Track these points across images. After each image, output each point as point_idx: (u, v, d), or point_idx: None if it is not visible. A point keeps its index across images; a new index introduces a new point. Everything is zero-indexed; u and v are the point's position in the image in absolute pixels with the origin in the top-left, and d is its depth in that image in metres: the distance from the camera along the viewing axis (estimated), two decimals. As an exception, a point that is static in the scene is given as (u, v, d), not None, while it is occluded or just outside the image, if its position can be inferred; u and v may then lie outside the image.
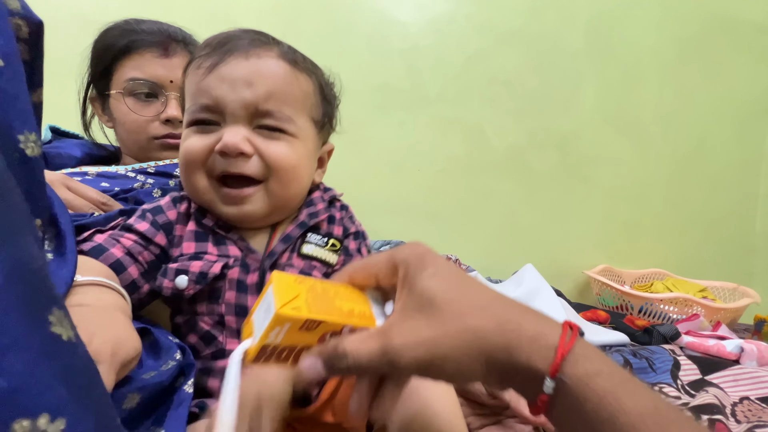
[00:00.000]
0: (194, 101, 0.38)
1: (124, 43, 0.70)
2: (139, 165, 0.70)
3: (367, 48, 1.13)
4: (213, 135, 0.38)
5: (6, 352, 0.14)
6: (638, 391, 0.21)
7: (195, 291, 0.37)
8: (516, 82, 1.21)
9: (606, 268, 1.22)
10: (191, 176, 0.39)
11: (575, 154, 1.26)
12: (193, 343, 0.39)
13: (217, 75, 0.37)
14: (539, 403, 0.22)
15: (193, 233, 0.40)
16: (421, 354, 0.23)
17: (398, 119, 1.16)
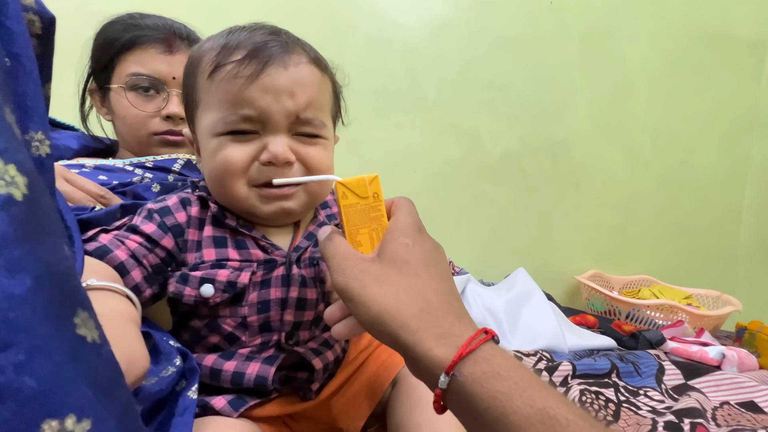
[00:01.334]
0: (233, 110, 0.37)
1: (128, 37, 0.69)
2: (137, 159, 0.70)
3: (367, 50, 1.14)
4: (253, 144, 0.38)
5: (35, 354, 0.14)
6: (534, 393, 0.22)
7: (222, 299, 0.38)
8: (511, 88, 1.23)
9: (595, 274, 1.25)
10: (232, 185, 0.38)
11: (567, 160, 1.28)
12: (216, 343, 0.39)
13: (260, 86, 0.37)
14: (434, 396, 0.25)
15: (212, 239, 0.40)
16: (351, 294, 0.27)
17: (396, 121, 1.17)
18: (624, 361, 0.72)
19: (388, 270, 0.28)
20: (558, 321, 0.86)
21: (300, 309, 0.40)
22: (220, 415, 0.37)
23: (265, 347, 0.39)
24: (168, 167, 0.71)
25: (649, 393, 0.65)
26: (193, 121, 0.43)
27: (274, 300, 0.39)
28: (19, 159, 0.15)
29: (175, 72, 0.71)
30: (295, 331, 0.40)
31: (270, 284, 0.39)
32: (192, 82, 0.41)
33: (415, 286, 0.27)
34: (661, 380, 0.68)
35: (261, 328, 0.39)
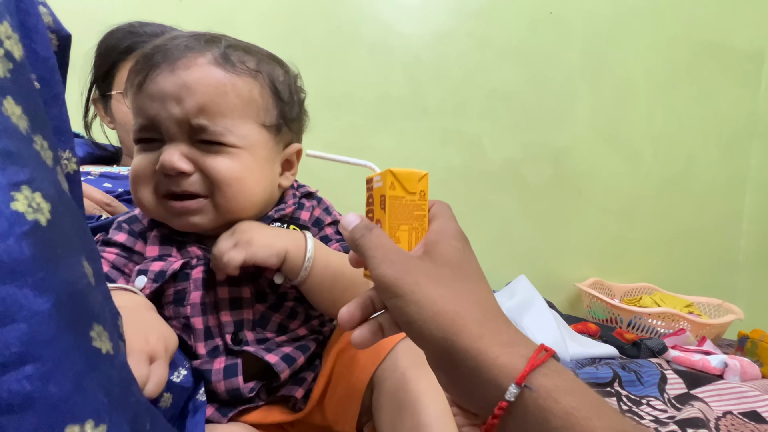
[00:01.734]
0: (134, 120, 0.37)
1: (127, 44, 0.71)
2: None
3: (370, 58, 1.15)
4: (155, 153, 0.37)
5: (59, 365, 0.15)
6: (608, 413, 0.21)
7: (152, 290, 0.36)
8: (513, 97, 1.24)
9: (596, 281, 1.25)
10: (139, 194, 0.38)
11: (569, 168, 1.29)
12: None
13: (147, 93, 0.36)
14: (496, 411, 0.21)
15: (158, 237, 0.40)
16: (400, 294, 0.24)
17: (398, 129, 1.18)
18: (626, 370, 0.73)
19: (442, 271, 0.26)
20: (560, 329, 0.86)
21: (236, 309, 0.39)
22: (210, 421, 0.37)
23: (216, 354, 0.38)
24: None
25: (651, 402, 0.65)
26: None
27: (209, 304, 0.38)
28: (44, 186, 0.16)
29: None
30: (239, 331, 0.39)
31: (215, 285, 0.38)
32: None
33: (473, 291, 0.25)
34: (663, 389, 0.69)
35: (205, 334, 0.38)
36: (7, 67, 0.16)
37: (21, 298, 0.14)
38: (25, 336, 0.14)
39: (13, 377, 0.14)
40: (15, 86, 0.17)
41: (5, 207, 0.15)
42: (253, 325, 0.40)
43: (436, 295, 0.24)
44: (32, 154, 0.16)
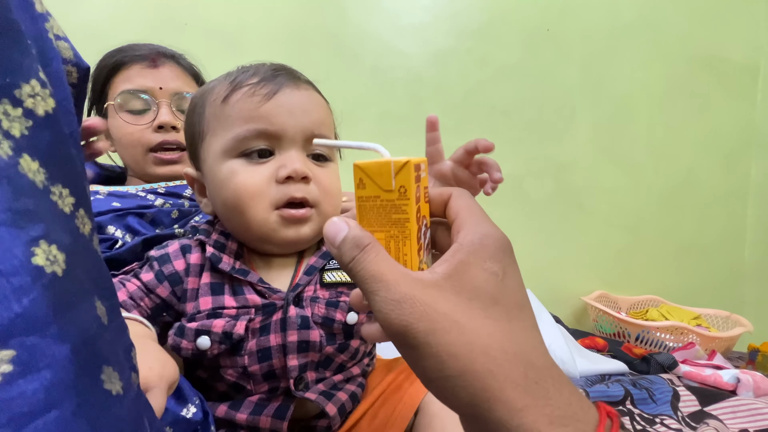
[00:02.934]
0: (246, 126, 0.37)
1: (114, 60, 0.72)
2: (149, 186, 0.71)
3: (372, 78, 1.17)
4: (269, 165, 0.38)
5: (80, 409, 0.16)
6: None
7: (220, 351, 0.37)
8: (514, 113, 1.25)
9: (602, 294, 1.24)
10: (251, 209, 0.37)
11: (570, 183, 1.30)
12: (224, 391, 0.40)
13: (277, 102, 0.37)
14: None
15: (209, 285, 0.38)
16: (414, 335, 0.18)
17: (400, 147, 1.19)
18: (637, 387, 0.72)
19: (471, 308, 0.19)
20: (567, 345, 0.85)
21: (303, 351, 0.38)
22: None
23: (274, 394, 0.39)
24: (180, 193, 0.72)
25: (665, 421, 0.64)
26: (197, 156, 0.41)
27: (275, 347, 0.37)
28: (59, 237, 0.17)
29: (161, 83, 0.71)
30: (302, 374, 0.39)
31: (269, 330, 0.37)
32: (197, 117, 0.41)
33: (513, 338, 0.19)
34: (677, 407, 0.67)
35: (265, 377, 0.38)
36: (25, 125, 0.17)
37: (44, 348, 0.15)
38: (49, 383, 0.15)
39: (41, 424, 0.14)
40: (32, 141, 0.17)
41: (28, 263, 0.15)
42: (316, 366, 0.40)
43: (461, 344, 0.18)
44: (48, 206, 0.17)
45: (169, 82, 0.72)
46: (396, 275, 0.19)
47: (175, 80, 0.74)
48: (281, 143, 0.38)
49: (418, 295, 0.19)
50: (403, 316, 0.18)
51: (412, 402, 0.44)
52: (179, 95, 0.73)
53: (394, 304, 0.19)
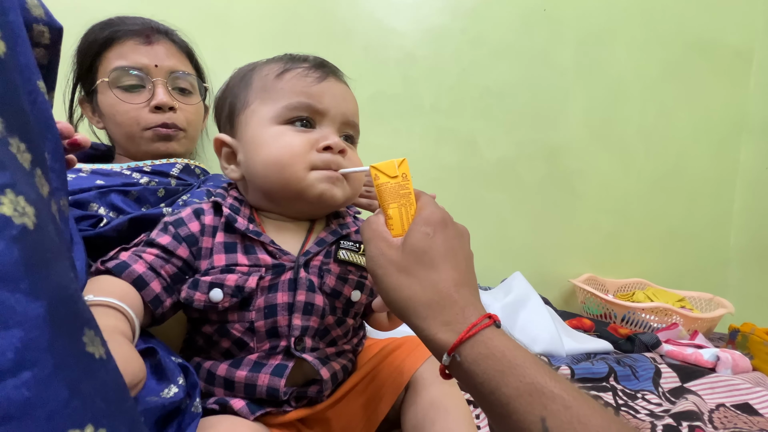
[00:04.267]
0: (298, 99, 0.43)
1: (106, 34, 0.69)
2: (135, 164, 0.69)
3: (364, 56, 1.15)
4: (310, 134, 0.43)
5: (57, 370, 0.15)
6: (526, 370, 0.27)
7: (230, 304, 0.39)
8: (508, 95, 1.24)
9: (590, 277, 1.26)
10: (292, 167, 0.41)
11: (562, 166, 1.30)
12: (227, 348, 0.41)
13: (326, 86, 0.44)
14: (440, 368, 0.31)
15: (223, 244, 0.41)
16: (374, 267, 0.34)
17: (392, 127, 1.18)
18: (621, 365, 0.73)
19: (407, 259, 0.32)
20: (555, 325, 0.87)
21: (307, 314, 0.41)
22: (237, 415, 0.38)
23: (273, 352, 0.41)
24: (166, 171, 0.71)
25: (646, 396, 0.66)
26: (235, 123, 0.45)
27: (281, 304, 0.40)
28: (26, 190, 0.16)
29: (157, 61, 0.70)
30: (302, 336, 0.41)
31: (277, 289, 0.40)
32: (241, 89, 0.45)
33: (428, 277, 0.31)
34: (658, 383, 0.69)
35: (268, 334, 0.40)
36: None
37: (14, 304, 0.14)
38: (21, 342, 0.14)
39: (11, 384, 0.13)
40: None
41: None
42: (314, 334, 0.42)
43: (397, 283, 0.32)
44: (9, 156, 0.16)
45: (164, 60, 0.71)
46: (379, 239, 0.35)
47: (170, 58, 0.72)
48: (323, 120, 0.44)
49: (383, 253, 0.34)
50: (372, 264, 0.34)
51: (401, 378, 0.46)
52: (175, 74, 0.72)
53: (370, 258, 0.34)
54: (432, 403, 0.43)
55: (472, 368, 0.28)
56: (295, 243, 0.44)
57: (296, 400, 0.42)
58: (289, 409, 0.41)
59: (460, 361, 0.28)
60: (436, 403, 0.43)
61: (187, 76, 0.75)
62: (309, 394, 0.42)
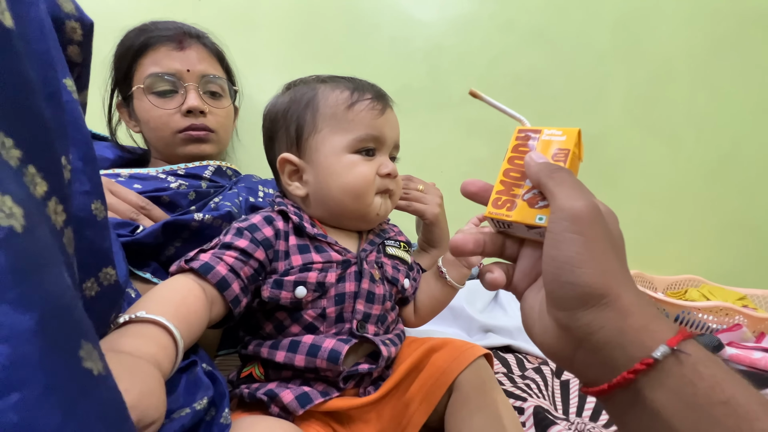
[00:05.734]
0: (366, 132, 0.49)
1: (140, 41, 0.72)
2: (170, 167, 0.71)
3: (390, 49, 1.11)
4: (374, 162, 0.50)
5: (51, 390, 0.13)
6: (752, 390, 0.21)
7: (312, 297, 0.45)
8: (541, 83, 1.17)
9: (637, 274, 1.17)
10: (368, 194, 0.49)
11: (603, 156, 1.22)
12: (296, 332, 0.45)
13: (385, 119, 0.51)
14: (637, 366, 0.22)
15: (297, 246, 0.47)
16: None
17: (421, 121, 1.14)
18: (681, 371, 0.67)
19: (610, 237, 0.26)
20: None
21: (369, 301, 0.47)
22: (286, 410, 0.40)
23: (339, 335, 0.45)
24: (199, 174, 0.72)
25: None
26: (303, 145, 0.50)
27: (349, 293, 0.46)
28: (13, 190, 0.14)
29: (189, 65, 0.73)
30: (364, 322, 0.47)
31: (345, 280, 0.47)
32: (305, 112, 0.50)
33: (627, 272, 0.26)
34: (725, 392, 0.62)
35: (336, 319, 0.46)
36: None
37: (1, 317, 0.12)
38: (8, 359, 0.12)
39: (-3, 408, 0.11)
40: None
41: None
42: (376, 320, 0.48)
43: (611, 256, 0.25)
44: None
45: (196, 65, 0.73)
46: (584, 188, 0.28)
47: (202, 62, 0.75)
48: (381, 147, 0.51)
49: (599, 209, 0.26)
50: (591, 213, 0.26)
51: (445, 379, 0.46)
52: (206, 78, 0.74)
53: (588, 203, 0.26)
54: (481, 410, 0.42)
55: (699, 369, 0.21)
56: (352, 244, 0.52)
57: (344, 381, 0.45)
58: (336, 394, 0.43)
59: (685, 358, 0.21)
60: (489, 410, 0.42)
61: (217, 79, 0.77)
62: (360, 371, 0.44)
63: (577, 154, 0.31)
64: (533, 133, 0.33)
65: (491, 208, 0.31)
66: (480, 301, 0.92)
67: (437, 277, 0.56)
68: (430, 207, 0.66)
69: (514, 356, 0.75)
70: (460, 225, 0.72)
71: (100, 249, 0.26)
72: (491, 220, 0.31)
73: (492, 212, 0.31)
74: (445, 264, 0.55)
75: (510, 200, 0.30)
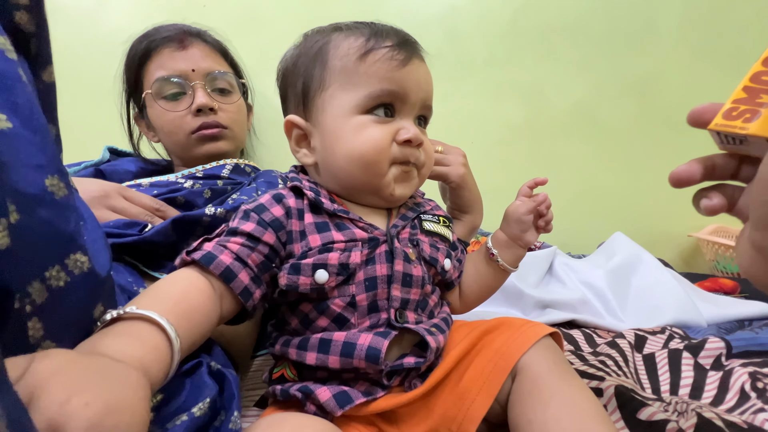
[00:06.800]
0: (381, 87, 0.40)
1: (143, 47, 0.71)
2: (188, 171, 0.70)
3: (402, 19, 1.04)
4: (391, 125, 0.41)
5: None
6: None
7: (336, 282, 0.38)
8: (575, 28, 1.05)
9: (719, 228, 1.02)
10: (379, 162, 0.40)
11: (658, 100, 1.07)
12: (325, 326, 0.39)
13: (409, 71, 0.41)
14: None
15: (314, 225, 0.40)
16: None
17: (443, 91, 1.05)
18: (798, 331, 0.54)
19: None
20: (684, 288, 0.69)
21: (406, 285, 0.40)
22: (323, 410, 0.35)
23: (375, 328, 0.39)
24: (218, 174, 0.70)
25: None
26: (310, 105, 0.43)
27: (381, 277, 0.39)
28: None
29: (193, 64, 0.71)
30: (403, 309, 0.40)
31: (375, 261, 0.39)
32: (313, 66, 0.42)
33: None
34: None
35: (369, 308, 0.39)
36: None
37: None
38: None
39: None
40: None
41: None
42: (416, 307, 0.41)
43: None
44: None
45: (200, 62, 0.72)
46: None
47: (206, 59, 0.73)
48: (403, 107, 0.41)
49: None
50: None
51: (505, 363, 0.38)
52: (212, 75, 0.73)
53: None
54: (555, 397, 0.35)
55: None
56: (381, 220, 0.44)
57: (388, 377, 0.38)
58: (381, 393, 0.38)
59: None
60: (565, 397, 0.34)
61: (224, 75, 0.76)
62: (406, 365, 0.38)
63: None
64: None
65: (721, 119, 0.26)
66: (533, 274, 0.83)
67: (487, 259, 0.48)
68: (454, 168, 0.58)
69: (581, 332, 0.66)
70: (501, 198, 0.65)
71: (62, 232, 0.22)
72: (717, 134, 0.26)
73: (721, 124, 0.26)
74: (496, 245, 0.47)
75: (752, 110, 0.25)
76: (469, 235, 0.65)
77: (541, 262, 0.86)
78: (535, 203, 0.46)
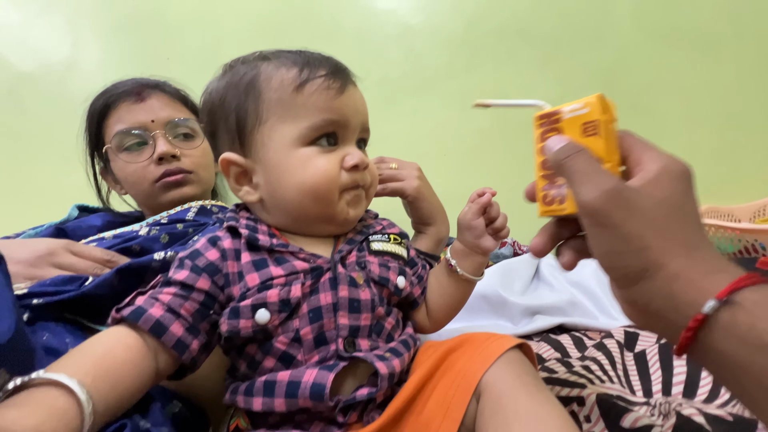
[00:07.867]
0: (321, 117, 0.40)
1: (101, 103, 0.72)
2: (153, 218, 0.69)
3: (359, 44, 1.06)
4: (336, 153, 0.41)
5: None
6: None
7: (281, 320, 0.36)
8: (530, 28, 1.05)
9: (710, 208, 0.98)
10: (330, 192, 0.40)
11: (623, 87, 1.06)
12: (271, 367, 0.37)
13: (346, 98, 0.41)
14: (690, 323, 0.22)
15: (251, 263, 0.38)
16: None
17: (410, 108, 1.06)
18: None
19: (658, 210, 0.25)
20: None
21: (354, 311, 0.38)
22: None
23: (324, 361, 0.37)
24: (182, 218, 0.69)
25: None
26: (247, 141, 0.41)
27: (326, 306, 0.37)
28: None
29: (152, 116, 0.71)
30: (353, 338, 0.38)
31: (318, 291, 0.38)
32: (245, 99, 0.41)
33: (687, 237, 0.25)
34: None
35: (316, 341, 0.37)
36: None
37: None
38: None
39: None
40: None
41: None
42: (369, 332, 0.39)
43: (647, 233, 0.24)
44: None
45: (159, 112, 0.72)
46: (604, 172, 0.26)
47: (165, 109, 0.73)
48: (345, 134, 0.41)
49: (620, 189, 0.25)
50: (606, 200, 0.25)
51: (467, 384, 0.35)
52: (172, 123, 0.73)
53: (600, 191, 0.25)
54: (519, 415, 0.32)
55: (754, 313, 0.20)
56: (326, 249, 0.42)
57: (344, 413, 0.36)
58: (334, 429, 0.35)
59: (737, 309, 0.21)
60: (530, 413, 0.32)
61: (185, 121, 0.76)
62: (358, 398, 0.36)
63: (608, 119, 0.28)
64: (553, 116, 0.31)
65: (543, 206, 0.30)
66: (518, 281, 0.79)
67: (448, 271, 0.46)
68: (408, 181, 0.57)
69: (570, 336, 0.62)
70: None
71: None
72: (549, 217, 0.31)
73: (546, 210, 0.30)
74: (455, 255, 0.46)
75: (558, 192, 0.29)
76: (436, 247, 0.63)
77: (527, 267, 0.83)
78: (479, 206, 0.44)
